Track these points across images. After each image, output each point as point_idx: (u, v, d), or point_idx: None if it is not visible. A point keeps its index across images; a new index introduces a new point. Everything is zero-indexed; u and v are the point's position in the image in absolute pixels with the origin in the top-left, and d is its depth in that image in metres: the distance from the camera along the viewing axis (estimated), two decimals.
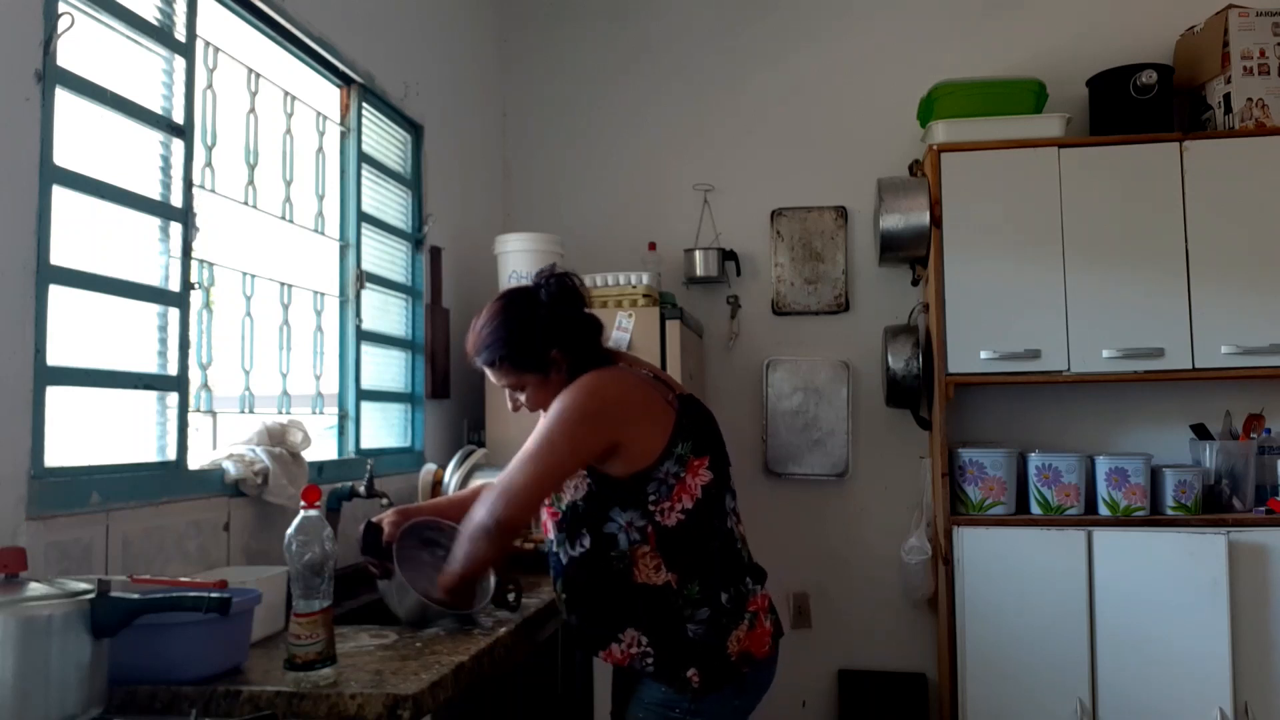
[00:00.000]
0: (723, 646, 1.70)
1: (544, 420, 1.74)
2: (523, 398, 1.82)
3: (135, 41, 1.86)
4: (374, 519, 1.90)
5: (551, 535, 1.80)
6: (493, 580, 1.96)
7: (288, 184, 2.44)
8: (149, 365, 1.87)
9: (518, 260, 3.11)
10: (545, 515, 1.82)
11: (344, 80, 2.70)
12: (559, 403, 1.72)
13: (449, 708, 1.52)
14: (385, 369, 2.90)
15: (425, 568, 1.89)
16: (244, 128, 2.28)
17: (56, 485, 1.57)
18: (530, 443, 1.71)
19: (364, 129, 2.77)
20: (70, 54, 1.66)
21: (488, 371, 1.83)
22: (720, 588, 1.72)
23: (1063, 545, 2.98)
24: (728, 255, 3.61)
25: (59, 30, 1.61)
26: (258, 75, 2.32)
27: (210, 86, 2.13)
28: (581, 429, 1.69)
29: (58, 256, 1.62)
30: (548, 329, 1.76)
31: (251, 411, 2.26)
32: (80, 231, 1.70)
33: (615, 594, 1.72)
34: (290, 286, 2.43)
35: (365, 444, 2.71)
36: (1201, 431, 3.22)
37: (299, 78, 2.53)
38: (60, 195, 1.63)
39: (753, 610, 1.75)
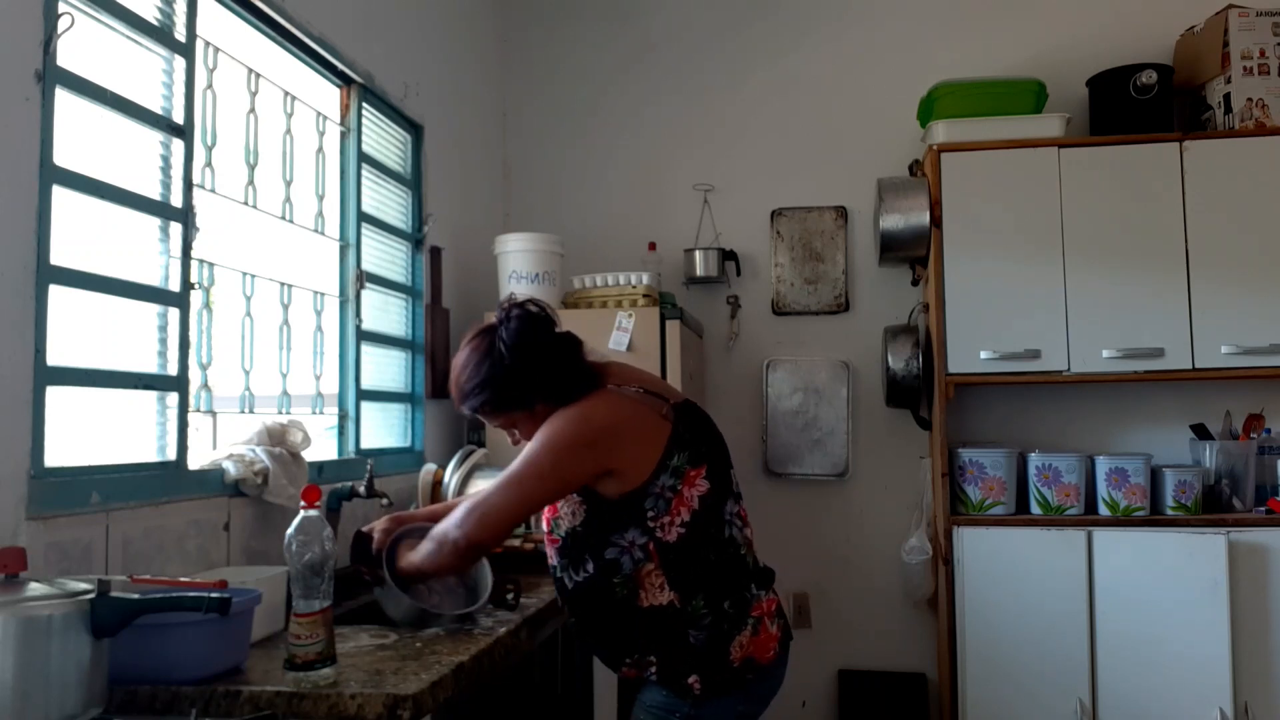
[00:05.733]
0: (725, 653, 1.68)
1: (531, 445, 1.71)
2: (518, 433, 1.82)
3: (135, 41, 1.86)
4: (364, 528, 1.91)
5: (555, 561, 1.78)
6: (491, 580, 1.96)
7: (288, 184, 2.44)
8: (149, 365, 1.87)
9: (518, 260, 3.10)
10: (546, 542, 1.81)
11: (344, 80, 2.70)
12: (546, 429, 1.70)
13: (449, 708, 1.52)
14: (385, 369, 2.90)
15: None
16: (244, 128, 2.28)
17: (56, 485, 1.57)
18: (515, 466, 1.70)
19: (364, 129, 2.77)
20: (70, 54, 1.66)
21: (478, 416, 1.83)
22: (723, 597, 1.71)
23: (1063, 545, 2.98)
24: (728, 255, 3.61)
25: (59, 30, 1.61)
26: (258, 75, 2.32)
27: (210, 86, 2.12)
28: (568, 456, 1.68)
29: (58, 256, 1.62)
30: (516, 370, 1.73)
31: (251, 411, 2.26)
32: (80, 231, 1.69)
33: (621, 620, 1.72)
34: (290, 286, 2.43)
35: (365, 444, 2.71)
36: (1201, 431, 3.22)
37: (299, 78, 2.53)
38: (60, 195, 1.63)
39: (757, 615, 1.73)
